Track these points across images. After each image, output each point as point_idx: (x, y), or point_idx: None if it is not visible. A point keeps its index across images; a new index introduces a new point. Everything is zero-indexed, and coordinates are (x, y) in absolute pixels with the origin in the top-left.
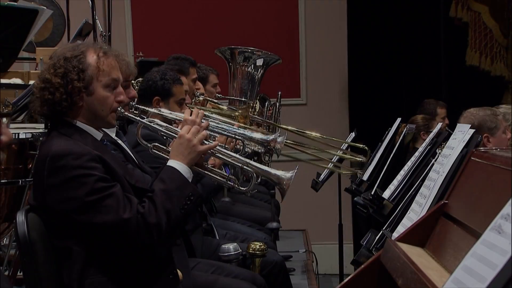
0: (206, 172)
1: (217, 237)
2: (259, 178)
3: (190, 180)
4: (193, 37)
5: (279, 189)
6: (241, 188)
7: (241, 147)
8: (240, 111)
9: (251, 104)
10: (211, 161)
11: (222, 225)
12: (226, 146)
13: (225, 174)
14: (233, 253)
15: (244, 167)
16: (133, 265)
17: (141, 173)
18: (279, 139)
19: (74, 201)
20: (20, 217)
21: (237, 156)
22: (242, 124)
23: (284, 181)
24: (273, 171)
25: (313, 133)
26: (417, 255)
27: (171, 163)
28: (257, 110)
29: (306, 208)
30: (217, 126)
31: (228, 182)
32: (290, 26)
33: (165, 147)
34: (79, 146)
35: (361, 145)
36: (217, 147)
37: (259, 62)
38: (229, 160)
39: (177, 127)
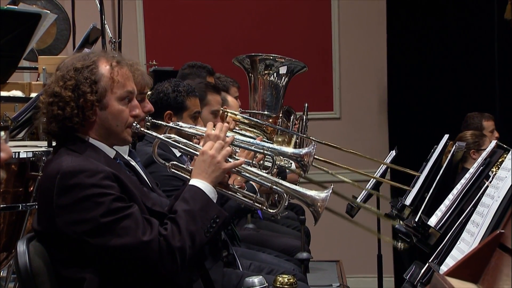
0: (230, 192)
1: (240, 269)
2: (288, 199)
3: (215, 201)
4: (211, 44)
5: (313, 211)
6: (269, 210)
7: (270, 165)
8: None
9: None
10: (236, 181)
11: (246, 255)
12: (253, 163)
13: (251, 194)
14: (258, 287)
15: (274, 187)
16: None
17: (157, 197)
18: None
19: (88, 223)
20: (21, 247)
21: (266, 174)
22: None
23: (318, 203)
24: (306, 191)
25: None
26: None
27: (194, 182)
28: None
29: (340, 236)
30: (243, 141)
31: (256, 203)
32: (321, 30)
33: (184, 166)
34: (93, 163)
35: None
36: (243, 165)
37: (283, 70)
38: (257, 179)
39: (198, 143)
